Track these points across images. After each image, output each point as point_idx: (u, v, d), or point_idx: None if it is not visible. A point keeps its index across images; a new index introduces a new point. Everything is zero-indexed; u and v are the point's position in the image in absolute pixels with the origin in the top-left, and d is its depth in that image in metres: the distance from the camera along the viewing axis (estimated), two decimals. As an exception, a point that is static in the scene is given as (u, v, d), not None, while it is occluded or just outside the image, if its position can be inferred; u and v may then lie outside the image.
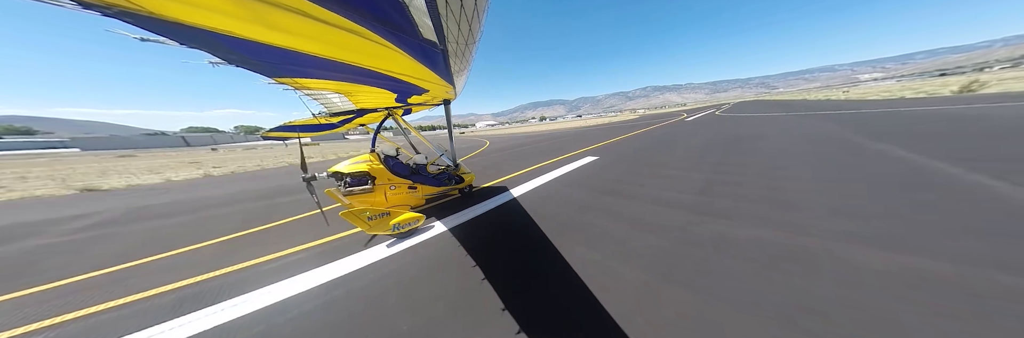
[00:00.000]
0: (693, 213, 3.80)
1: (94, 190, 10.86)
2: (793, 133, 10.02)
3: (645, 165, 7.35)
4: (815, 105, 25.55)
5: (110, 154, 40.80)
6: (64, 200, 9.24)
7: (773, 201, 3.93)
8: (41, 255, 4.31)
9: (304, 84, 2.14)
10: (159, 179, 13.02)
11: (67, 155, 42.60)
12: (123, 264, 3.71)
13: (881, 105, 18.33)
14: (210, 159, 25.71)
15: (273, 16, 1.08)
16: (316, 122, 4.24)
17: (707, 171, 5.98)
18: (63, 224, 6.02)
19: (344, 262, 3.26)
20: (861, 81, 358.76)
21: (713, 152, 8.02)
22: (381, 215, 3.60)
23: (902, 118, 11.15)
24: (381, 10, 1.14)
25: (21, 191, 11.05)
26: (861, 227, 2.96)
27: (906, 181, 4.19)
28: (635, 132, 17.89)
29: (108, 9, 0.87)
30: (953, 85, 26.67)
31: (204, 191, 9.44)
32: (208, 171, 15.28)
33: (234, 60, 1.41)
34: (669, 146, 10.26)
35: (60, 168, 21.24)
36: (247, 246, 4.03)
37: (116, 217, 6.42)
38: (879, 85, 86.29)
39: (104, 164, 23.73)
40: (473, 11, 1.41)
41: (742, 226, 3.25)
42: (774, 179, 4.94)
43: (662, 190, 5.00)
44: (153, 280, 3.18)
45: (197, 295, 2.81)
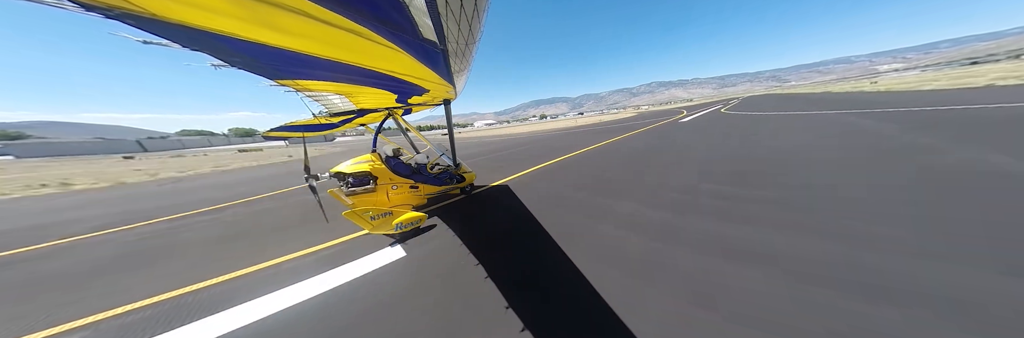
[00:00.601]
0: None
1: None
2: (869, 160, 5.06)
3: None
4: (845, 99, 20.36)
5: (37, 162, 35.70)
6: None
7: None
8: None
9: (305, 85, 2.15)
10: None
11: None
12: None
13: (939, 100, 13.37)
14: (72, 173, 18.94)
15: (274, 17, 1.08)
16: (316, 122, 4.25)
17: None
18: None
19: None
20: (881, 72, 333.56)
21: (698, 218, 3.53)
22: (384, 214, 3.61)
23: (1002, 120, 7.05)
24: (381, 10, 1.15)
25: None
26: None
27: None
28: (601, 144, 12.38)
29: (110, 11, 0.87)
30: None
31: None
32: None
33: (236, 62, 1.41)
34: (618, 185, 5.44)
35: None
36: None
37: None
38: (904, 76, 68.16)
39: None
40: (473, 11, 1.41)
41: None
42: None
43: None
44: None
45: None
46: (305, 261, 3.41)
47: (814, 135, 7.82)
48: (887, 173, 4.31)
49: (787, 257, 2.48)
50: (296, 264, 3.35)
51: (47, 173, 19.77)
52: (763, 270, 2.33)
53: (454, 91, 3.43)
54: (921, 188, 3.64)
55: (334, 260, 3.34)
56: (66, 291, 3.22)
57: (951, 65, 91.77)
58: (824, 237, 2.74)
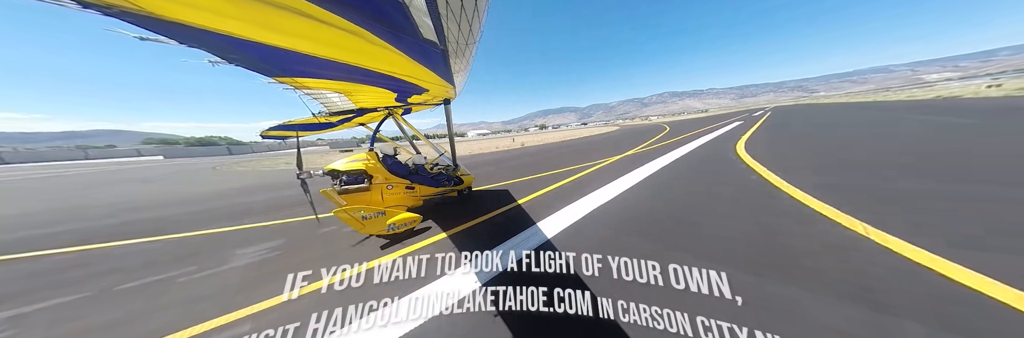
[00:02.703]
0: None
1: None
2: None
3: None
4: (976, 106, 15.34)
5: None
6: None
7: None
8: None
9: (304, 84, 2.14)
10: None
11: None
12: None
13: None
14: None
15: (273, 17, 1.08)
16: (315, 121, 4.23)
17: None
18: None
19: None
20: (931, 82, 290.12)
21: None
22: (376, 214, 3.53)
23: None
24: (381, 10, 1.15)
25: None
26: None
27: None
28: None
29: (108, 9, 0.87)
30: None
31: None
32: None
33: (234, 60, 1.41)
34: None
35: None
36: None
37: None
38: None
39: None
40: (473, 11, 1.41)
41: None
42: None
43: None
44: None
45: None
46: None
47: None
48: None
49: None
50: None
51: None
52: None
53: (454, 91, 3.43)
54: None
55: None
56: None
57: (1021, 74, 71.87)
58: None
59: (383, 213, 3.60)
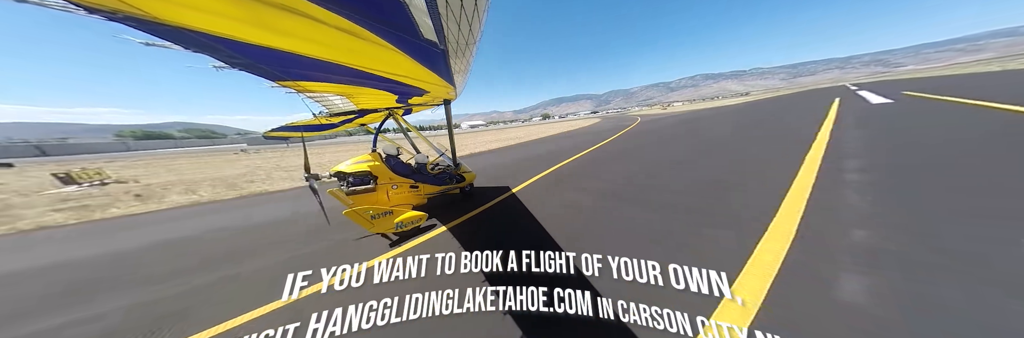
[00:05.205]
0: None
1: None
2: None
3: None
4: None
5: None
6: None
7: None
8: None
9: (306, 87, 2.16)
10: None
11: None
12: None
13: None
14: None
15: (274, 19, 1.09)
16: (317, 122, 4.27)
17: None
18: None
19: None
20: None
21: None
22: (384, 214, 3.62)
23: None
24: (381, 10, 1.16)
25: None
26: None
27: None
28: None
29: (113, 14, 0.88)
30: None
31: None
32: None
33: (237, 64, 1.42)
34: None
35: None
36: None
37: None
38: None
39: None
40: (473, 11, 1.42)
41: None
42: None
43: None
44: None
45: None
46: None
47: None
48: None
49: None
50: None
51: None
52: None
53: (454, 91, 3.44)
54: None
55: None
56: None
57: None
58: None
59: (390, 212, 3.67)
